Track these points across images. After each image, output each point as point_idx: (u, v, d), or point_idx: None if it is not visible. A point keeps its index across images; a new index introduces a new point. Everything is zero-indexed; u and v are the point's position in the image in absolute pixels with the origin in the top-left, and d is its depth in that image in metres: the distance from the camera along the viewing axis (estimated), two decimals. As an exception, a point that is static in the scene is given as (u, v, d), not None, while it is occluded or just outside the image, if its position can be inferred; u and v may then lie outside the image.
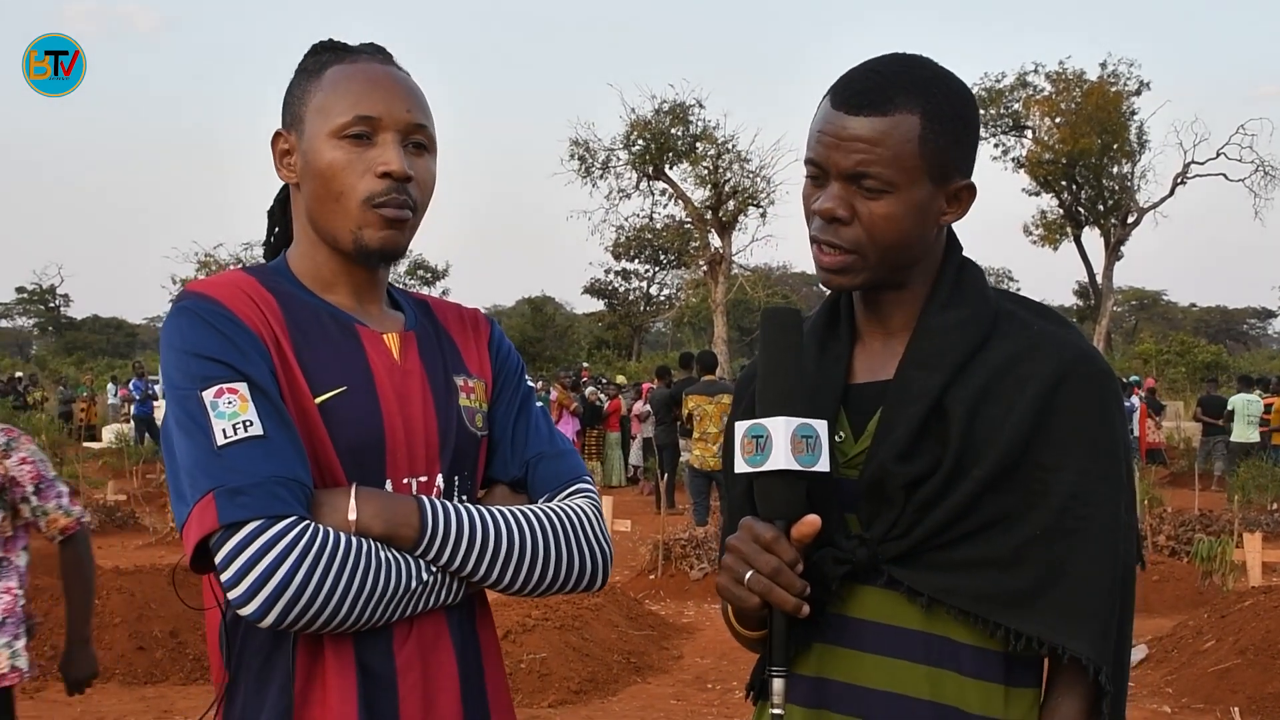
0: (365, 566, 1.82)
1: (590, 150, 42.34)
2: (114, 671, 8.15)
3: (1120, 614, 1.86)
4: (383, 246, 1.99)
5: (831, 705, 1.93)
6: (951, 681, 1.85)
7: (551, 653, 8.27)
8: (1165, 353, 46.33)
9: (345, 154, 1.96)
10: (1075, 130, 44.58)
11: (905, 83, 1.87)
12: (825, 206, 1.90)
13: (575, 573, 2.05)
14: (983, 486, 1.82)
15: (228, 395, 1.82)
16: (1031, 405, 1.83)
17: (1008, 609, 1.82)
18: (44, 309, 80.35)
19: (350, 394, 1.95)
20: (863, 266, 1.92)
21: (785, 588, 1.82)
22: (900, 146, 1.85)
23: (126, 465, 20.60)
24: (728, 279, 41.79)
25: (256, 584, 1.74)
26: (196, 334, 1.86)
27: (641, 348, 62.76)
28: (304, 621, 1.78)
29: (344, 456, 1.92)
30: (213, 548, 1.77)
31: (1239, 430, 22.41)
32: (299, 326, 1.96)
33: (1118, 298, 59.10)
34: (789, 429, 1.82)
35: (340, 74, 2.01)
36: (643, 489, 21.77)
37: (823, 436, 1.85)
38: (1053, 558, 1.82)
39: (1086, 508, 1.83)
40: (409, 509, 1.90)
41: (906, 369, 1.92)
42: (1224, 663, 8.04)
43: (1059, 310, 23.25)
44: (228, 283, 1.97)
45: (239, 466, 1.78)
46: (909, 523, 1.85)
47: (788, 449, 1.81)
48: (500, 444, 2.16)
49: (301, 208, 2.05)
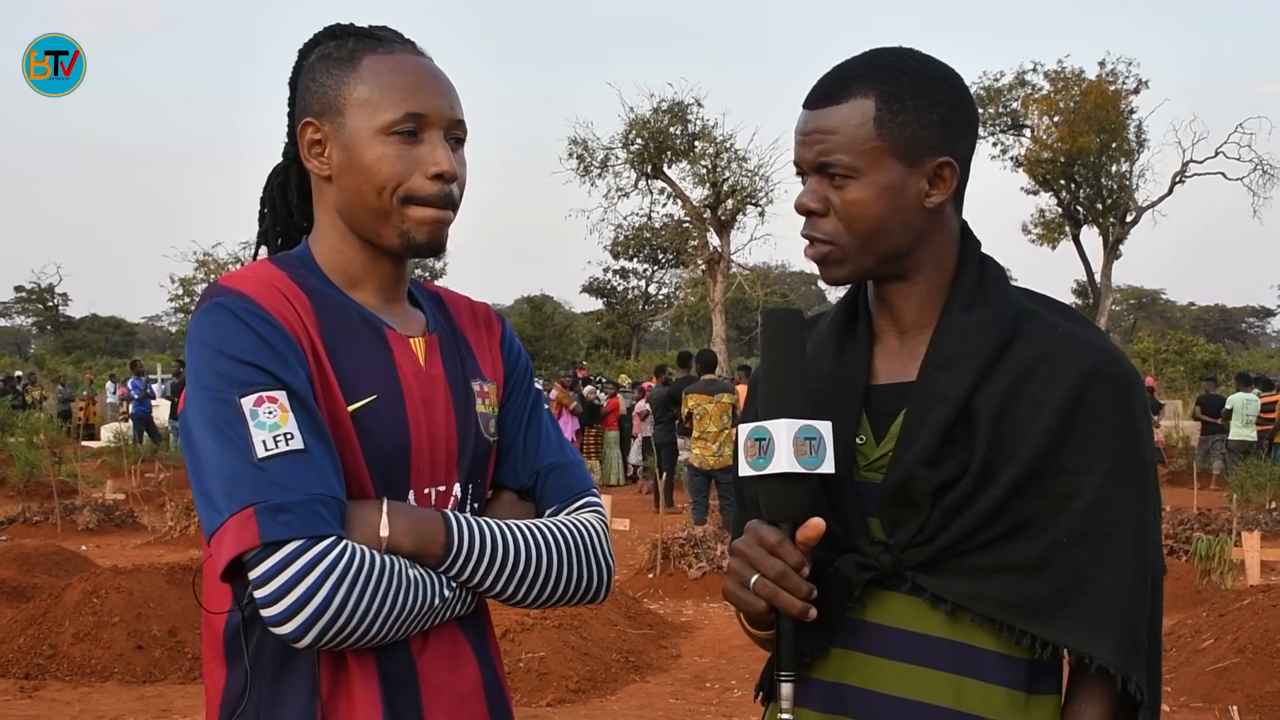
0: (397, 587, 1.81)
1: (589, 149, 42.46)
2: (112, 670, 8.14)
3: (1151, 622, 1.84)
4: (430, 241, 1.98)
5: (848, 710, 1.90)
6: (975, 689, 1.83)
7: (550, 652, 8.27)
8: (1163, 351, 46.29)
9: (394, 150, 1.94)
10: (1074, 129, 44.62)
11: (864, 71, 1.89)
12: (800, 202, 1.93)
13: (581, 588, 2.05)
14: (1010, 491, 1.80)
15: (268, 405, 1.78)
16: (1059, 408, 1.81)
17: (1033, 616, 1.80)
18: (42, 308, 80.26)
19: (380, 402, 1.92)
20: (843, 257, 1.92)
21: (791, 592, 1.81)
22: (855, 131, 1.86)
23: (125, 464, 20.59)
24: (726, 278, 41.84)
25: (296, 605, 1.73)
26: (233, 335, 1.82)
27: (640, 347, 62.68)
28: (337, 640, 1.77)
29: (372, 467, 1.90)
30: (249, 562, 1.75)
31: (1236, 429, 22.42)
32: (332, 329, 1.93)
33: (1116, 296, 59.17)
34: (791, 431, 1.81)
35: (382, 66, 1.97)
36: (641, 488, 21.77)
37: (827, 438, 1.83)
38: (1079, 564, 1.80)
39: (1114, 512, 1.80)
40: (436, 525, 1.89)
41: (930, 370, 1.89)
42: (1222, 661, 8.04)
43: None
44: (262, 279, 1.92)
45: (280, 482, 1.75)
46: (935, 529, 1.83)
47: (790, 451, 1.80)
48: (511, 451, 2.14)
49: (330, 201, 2.01)
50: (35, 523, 15.56)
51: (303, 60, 2.06)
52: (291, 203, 2.14)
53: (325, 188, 2.02)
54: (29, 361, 62.00)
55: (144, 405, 27.71)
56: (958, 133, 1.91)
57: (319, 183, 2.03)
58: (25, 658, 8.21)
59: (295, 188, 2.13)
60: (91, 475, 20.25)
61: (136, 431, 26.75)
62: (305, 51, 2.06)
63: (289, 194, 2.14)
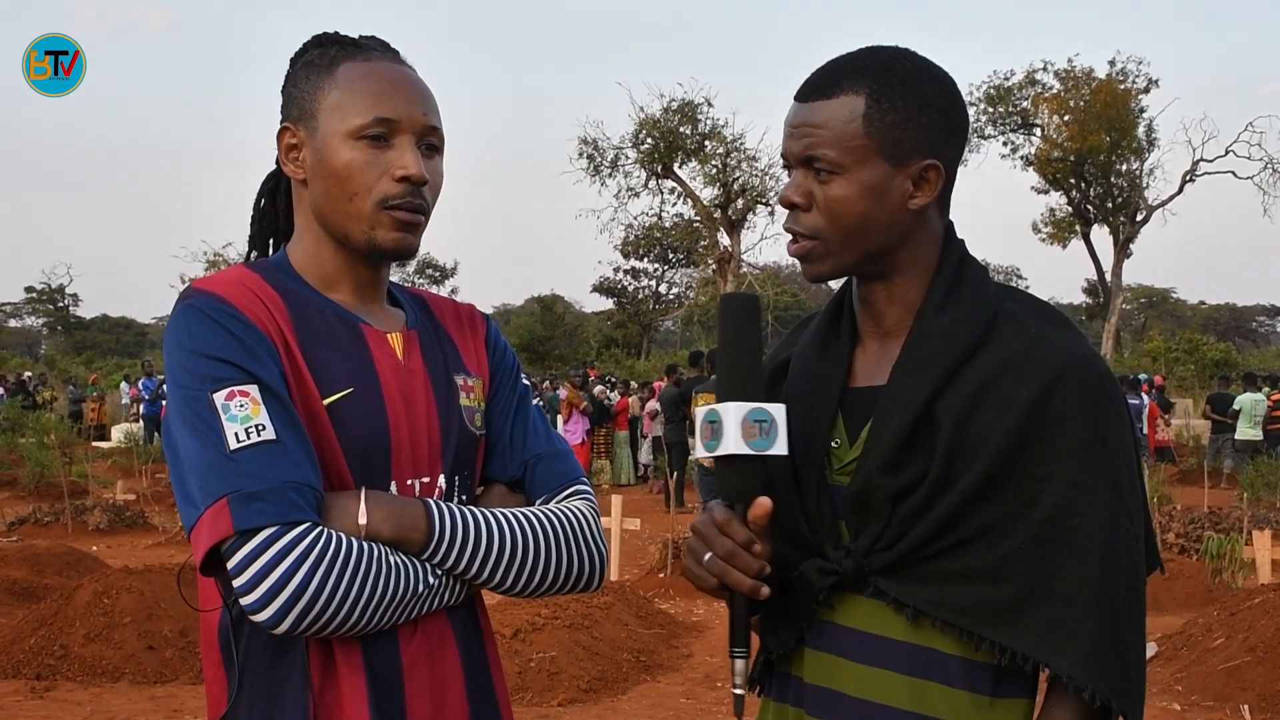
0: (376, 572, 1.83)
1: (599, 149, 42.47)
2: (124, 671, 8.15)
3: (1128, 628, 1.80)
4: (396, 248, 2.00)
5: (808, 708, 1.93)
6: (937, 692, 1.84)
7: (561, 651, 8.27)
8: (1174, 350, 46.23)
9: (363, 154, 1.96)
10: (1084, 128, 44.57)
11: (856, 67, 1.89)
12: (784, 195, 1.94)
13: (574, 575, 2.07)
14: (967, 497, 1.79)
15: (239, 398, 1.81)
16: (1022, 413, 1.80)
17: (993, 622, 1.79)
18: (53, 309, 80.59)
19: (357, 395, 1.95)
20: (825, 253, 1.92)
21: (741, 569, 1.84)
22: (843, 127, 1.86)
23: (136, 464, 20.60)
24: (737, 277, 41.83)
25: (272, 590, 1.75)
26: (205, 333, 1.85)
27: (651, 346, 62.73)
28: (316, 627, 1.78)
29: (351, 458, 1.92)
30: (225, 553, 1.77)
31: (1243, 429, 22.37)
32: (306, 326, 1.96)
33: (1127, 295, 58.94)
34: (740, 414, 1.84)
35: (355, 72, 2.00)
36: (652, 487, 21.79)
37: (779, 420, 1.86)
38: (1039, 571, 1.78)
39: (1074, 519, 1.78)
40: (417, 513, 1.91)
41: (898, 376, 1.90)
42: (1234, 660, 8.03)
43: (1068, 309, 22.95)
44: (234, 280, 1.96)
45: (253, 471, 1.77)
46: (894, 535, 1.84)
47: (738, 434, 1.84)
48: (498, 444, 2.16)
49: (307, 204, 2.05)
50: (46, 523, 15.59)
51: (292, 68, 2.09)
52: (280, 208, 2.17)
53: (302, 191, 2.06)
54: (40, 362, 62.15)
55: (155, 405, 27.74)
56: (945, 137, 1.91)
57: (297, 186, 2.07)
58: (36, 658, 8.22)
59: (285, 193, 2.16)
60: (102, 476, 20.25)
61: (147, 432, 26.80)
62: (295, 60, 2.09)
63: (278, 201, 2.17)
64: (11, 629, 8.75)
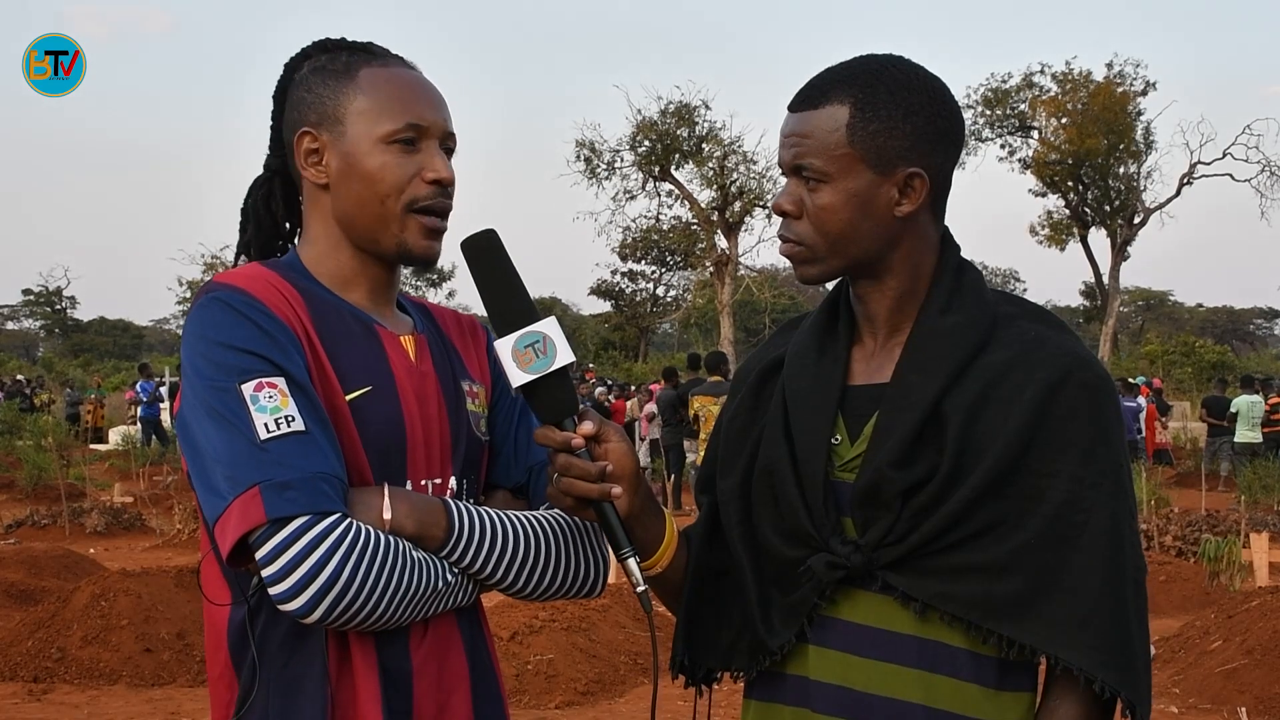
0: (403, 566, 1.84)
1: (596, 151, 42.43)
2: (121, 674, 8.14)
3: (1135, 622, 1.85)
4: (425, 255, 2.04)
5: (815, 706, 1.94)
6: (946, 685, 1.86)
7: (558, 654, 8.27)
8: (1171, 353, 46.27)
9: (395, 158, 2.00)
10: (1082, 131, 44.52)
11: (844, 77, 1.93)
12: (776, 203, 1.98)
13: (580, 579, 2.09)
14: (978, 493, 1.82)
15: (268, 390, 1.82)
16: (1028, 411, 1.84)
17: (1001, 616, 1.82)
18: (50, 311, 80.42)
19: (376, 394, 1.97)
20: (813, 258, 1.96)
21: (580, 477, 1.92)
22: (827, 136, 1.90)
23: (133, 467, 20.61)
24: (734, 280, 41.84)
25: (304, 580, 1.76)
26: (231, 325, 1.87)
27: (648, 349, 62.69)
28: (345, 617, 1.79)
29: (371, 455, 1.94)
30: (255, 542, 1.77)
31: (1242, 431, 22.39)
32: (325, 324, 1.98)
33: (1124, 298, 58.97)
34: (508, 347, 1.93)
35: (379, 78, 2.03)
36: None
37: (551, 332, 1.94)
38: (1045, 564, 1.82)
39: (1081, 515, 1.82)
40: (437, 510, 1.93)
41: (904, 373, 1.92)
42: (1231, 663, 8.03)
43: (1065, 311, 23.08)
44: (256, 275, 1.97)
45: (285, 461, 1.78)
46: (904, 529, 1.86)
47: (515, 366, 1.93)
48: (503, 450, 2.19)
49: (326, 208, 2.06)
50: (43, 526, 15.59)
51: (292, 73, 2.10)
52: (276, 214, 2.17)
53: (320, 196, 2.06)
54: (37, 365, 62.08)
55: (152, 408, 27.71)
56: (933, 144, 1.93)
57: (314, 191, 2.07)
58: (34, 661, 8.21)
59: (280, 199, 2.16)
60: (100, 478, 20.25)
61: (145, 434, 26.78)
62: (294, 65, 2.11)
63: (273, 205, 2.17)
64: (9, 631, 8.75)
